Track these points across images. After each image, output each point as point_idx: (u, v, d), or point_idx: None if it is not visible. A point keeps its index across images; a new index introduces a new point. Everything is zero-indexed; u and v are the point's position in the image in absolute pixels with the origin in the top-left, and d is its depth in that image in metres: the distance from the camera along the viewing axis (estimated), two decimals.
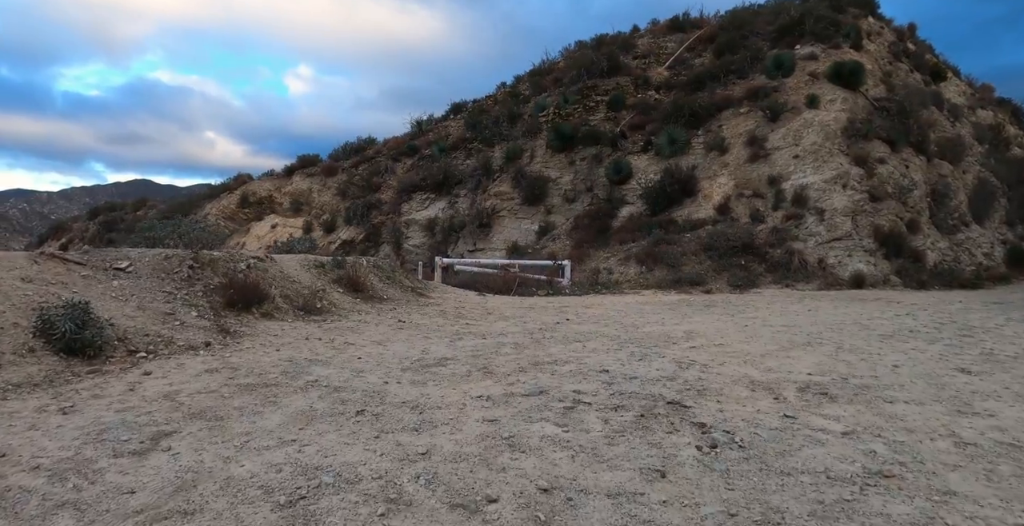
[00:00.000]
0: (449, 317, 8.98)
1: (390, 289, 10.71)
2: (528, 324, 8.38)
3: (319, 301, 8.45)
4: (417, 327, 7.85)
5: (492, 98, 28.83)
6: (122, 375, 4.84)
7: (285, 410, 4.01)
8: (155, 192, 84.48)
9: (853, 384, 5.04)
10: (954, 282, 15.96)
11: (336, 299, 8.95)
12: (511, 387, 4.68)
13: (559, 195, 21.51)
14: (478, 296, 12.44)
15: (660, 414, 4.02)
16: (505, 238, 21.15)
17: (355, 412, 3.97)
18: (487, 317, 9.13)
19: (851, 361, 6.00)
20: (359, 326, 7.65)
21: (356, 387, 4.61)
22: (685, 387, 4.77)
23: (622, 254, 16.28)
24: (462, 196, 23.38)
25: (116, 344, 5.38)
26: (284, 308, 7.76)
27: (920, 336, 7.66)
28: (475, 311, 9.81)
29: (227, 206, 30.52)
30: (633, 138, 21.51)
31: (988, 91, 31.69)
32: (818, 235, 15.98)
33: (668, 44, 26.29)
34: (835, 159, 17.55)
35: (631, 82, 23.71)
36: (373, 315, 8.62)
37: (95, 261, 6.93)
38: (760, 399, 4.51)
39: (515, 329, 7.87)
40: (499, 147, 23.85)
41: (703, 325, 8.44)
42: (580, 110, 23.26)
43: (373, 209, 25.18)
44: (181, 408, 4.04)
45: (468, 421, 3.82)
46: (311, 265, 9.95)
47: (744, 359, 5.98)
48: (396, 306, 9.69)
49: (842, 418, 4.10)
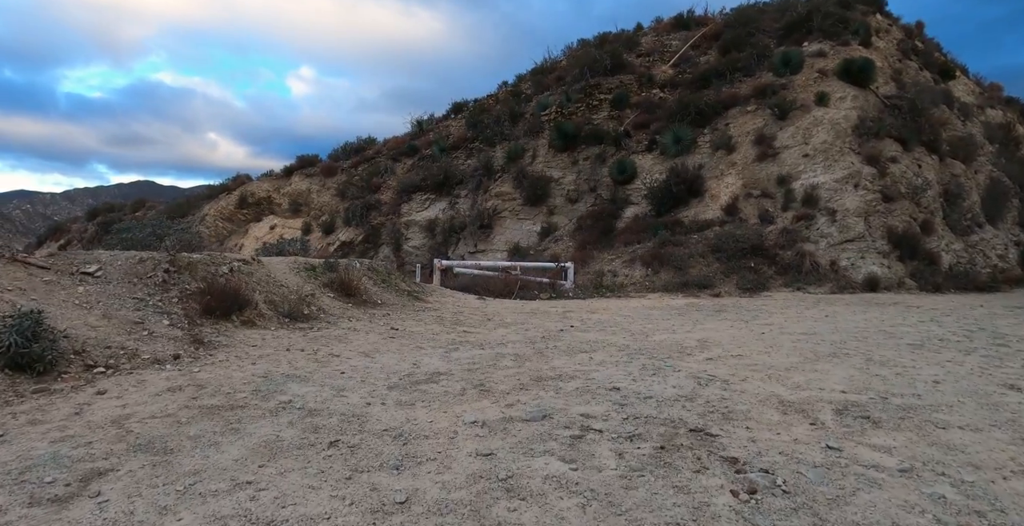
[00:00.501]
0: (446, 324, 8.39)
1: (385, 293, 10.14)
2: (530, 332, 7.79)
3: (307, 307, 7.87)
4: (410, 336, 7.27)
5: (493, 97, 28.25)
6: (72, 395, 4.27)
7: (247, 440, 3.43)
8: (158, 193, 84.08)
9: (895, 405, 4.45)
10: (970, 285, 15.35)
11: (326, 304, 8.37)
12: (510, 409, 4.10)
13: (562, 195, 20.92)
14: (478, 300, 11.86)
15: (683, 445, 3.44)
16: (507, 239, 20.57)
17: (328, 443, 3.39)
18: (486, 324, 8.55)
19: (885, 376, 5.40)
20: (348, 335, 7.06)
21: (334, 409, 4.03)
22: (708, 409, 4.18)
23: (627, 256, 15.69)
24: (463, 197, 22.81)
25: (72, 358, 4.80)
26: (268, 315, 7.18)
27: (952, 345, 7.06)
28: (474, 317, 9.23)
29: (225, 207, 29.97)
30: (637, 137, 20.92)
31: (996, 90, 31.05)
32: (830, 236, 15.37)
33: (672, 42, 25.70)
34: (846, 158, 16.94)
35: (635, 80, 23.12)
36: (364, 322, 8.03)
37: (61, 265, 6.36)
38: (795, 424, 3.93)
39: (516, 337, 7.28)
40: (500, 147, 23.28)
41: (717, 333, 7.84)
42: (583, 109, 22.67)
43: (372, 210, 24.61)
44: (127, 437, 3.46)
45: (459, 455, 3.23)
46: (301, 268, 9.38)
47: (768, 373, 5.39)
48: (390, 312, 9.11)
49: (894, 450, 3.51)
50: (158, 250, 7.78)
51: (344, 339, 6.79)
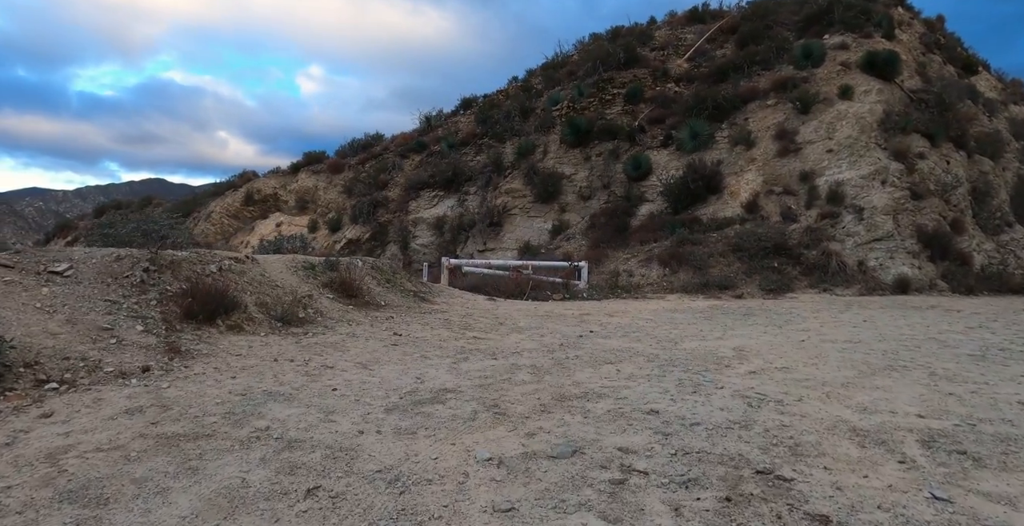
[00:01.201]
0: (454, 328, 7.67)
1: (389, 294, 9.42)
2: (546, 338, 7.05)
3: (303, 310, 7.16)
4: (415, 343, 6.54)
5: (503, 92, 27.50)
6: (11, 418, 3.57)
7: (204, 486, 2.72)
8: (169, 191, 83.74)
9: (989, 434, 3.69)
10: (1003, 287, 14.52)
11: (324, 306, 7.66)
12: (532, 440, 3.37)
13: (574, 192, 20.15)
14: (488, 301, 11.13)
15: (754, 496, 2.70)
16: (517, 237, 19.83)
17: (305, 491, 2.67)
18: (498, 328, 7.81)
19: (960, 395, 4.64)
20: (345, 341, 6.35)
21: (318, 441, 3.31)
22: (769, 440, 3.44)
23: (643, 255, 14.91)
24: (472, 194, 22.08)
25: (21, 372, 4.11)
26: (258, 319, 6.47)
27: (1017, 356, 6.28)
28: (484, 320, 8.50)
29: (231, 204, 29.36)
30: (652, 132, 20.12)
31: (1018, 86, 30.04)
32: (857, 235, 14.55)
33: (687, 36, 24.87)
34: (872, 153, 16.09)
35: (649, 74, 22.31)
36: (365, 326, 7.32)
37: (27, 263, 5.68)
38: (880, 462, 3.18)
39: (532, 345, 6.55)
40: (511, 143, 22.52)
41: (752, 340, 7.08)
42: (596, 103, 21.89)
43: (380, 207, 23.91)
44: (57, 480, 2.75)
45: (471, 511, 2.50)
46: (299, 267, 8.68)
47: (824, 391, 4.64)
48: (394, 314, 8.40)
49: (1017, 501, 2.76)
50: (142, 247, 7.09)
51: (341, 346, 6.07)
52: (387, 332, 7.05)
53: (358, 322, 7.47)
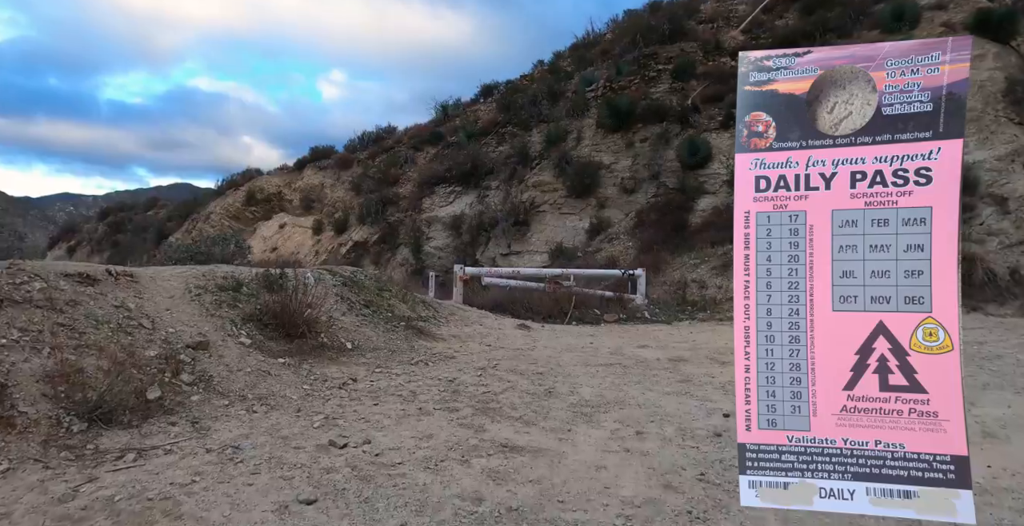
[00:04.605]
0: (462, 404, 3.95)
1: (365, 327, 5.74)
2: (648, 440, 3.31)
3: (165, 383, 3.50)
4: (362, 478, 2.84)
5: (528, 77, 23.74)
6: None
7: None
8: (195, 195, 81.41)
9: None
10: None
11: (226, 364, 4.00)
12: None
13: (615, 185, 16.32)
14: (519, 329, 7.41)
15: None
16: (547, 239, 16.09)
17: None
18: (546, 404, 4.08)
19: None
20: (189, 490, 2.65)
21: None
22: None
23: (716, 260, 11.10)
24: (494, 188, 18.37)
25: None
26: (30, 417, 2.82)
27: None
28: (518, 379, 4.77)
29: (232, 204, 26.01)
30: (708, 112, 16.25)
31: None
32: (1003, 234, 10.59)
33: (739, 7, 20.97)
34: (1006, 130, 12.13)
35: (699, 48, 18.46)
36: (285, 414, 3.62)
37: None
38: None
39: (633, 474, 2.81)
40: (538, 130, 18.79)
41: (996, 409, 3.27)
42: (638, 82, 18.05)
43: (390, 205, 20.32)
44: None
45: None
46: (209, 288, 5.03)
47: None
48: (363, 368, 4.71)
49: None
50: None
51: (169, 511, 2.39)
52: (319, 432, 3.32)
53: (274, 399, 3.76)
